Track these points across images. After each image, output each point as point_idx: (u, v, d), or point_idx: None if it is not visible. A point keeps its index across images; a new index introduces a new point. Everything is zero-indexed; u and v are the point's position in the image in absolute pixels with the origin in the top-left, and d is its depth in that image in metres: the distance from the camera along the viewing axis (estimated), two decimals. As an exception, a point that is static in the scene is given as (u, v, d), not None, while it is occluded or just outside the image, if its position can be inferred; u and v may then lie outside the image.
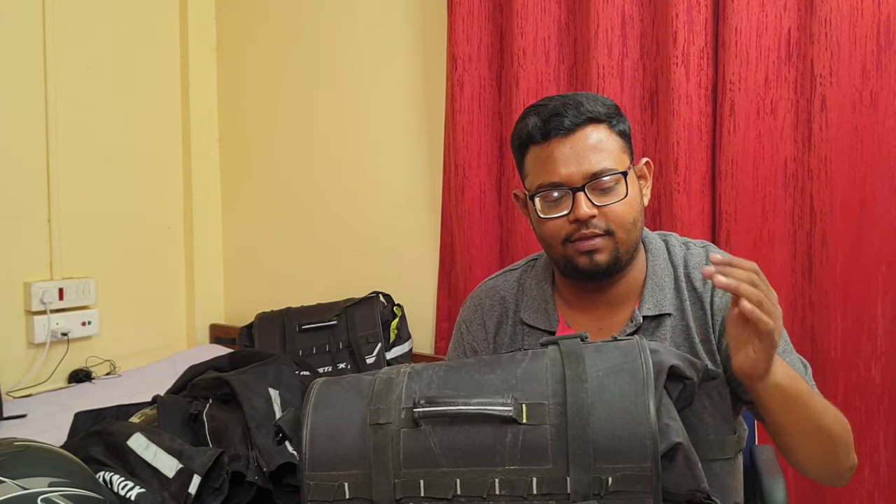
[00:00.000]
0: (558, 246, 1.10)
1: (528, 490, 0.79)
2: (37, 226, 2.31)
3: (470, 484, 0.80)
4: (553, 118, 1.08)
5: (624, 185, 1.08)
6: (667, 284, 1.15)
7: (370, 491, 0.81)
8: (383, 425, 0.83)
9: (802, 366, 1.12)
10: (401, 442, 0.82)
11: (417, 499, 0.80)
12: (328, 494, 0.82)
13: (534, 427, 0.80)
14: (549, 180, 1.08)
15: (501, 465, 0.79)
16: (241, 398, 1.51)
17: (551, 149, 1.08)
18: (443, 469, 0.80)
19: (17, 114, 2.26)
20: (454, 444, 0.81)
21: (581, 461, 0.78)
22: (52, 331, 2.29)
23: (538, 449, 0.79)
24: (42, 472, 1.14)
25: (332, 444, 0.83)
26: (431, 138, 2.27)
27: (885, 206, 1.58)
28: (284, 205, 2.63)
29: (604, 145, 1.08)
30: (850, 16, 1.57)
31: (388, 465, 0.81)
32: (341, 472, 0.82)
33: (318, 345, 2.16)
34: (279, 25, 2.59)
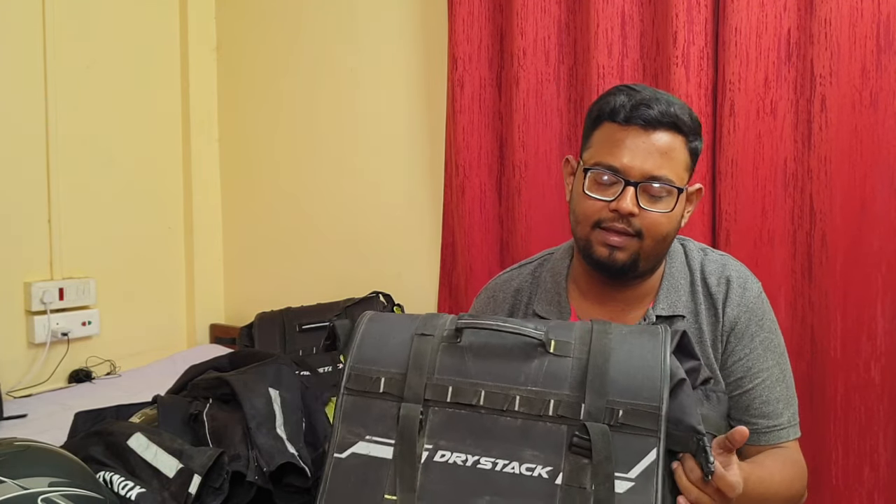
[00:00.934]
0: (587, 226, 1.10)
1: (544, 409, 0.86)
2: (37, 226, 2.31)
3: (493, 396, 0.87)
4: (642, 106, 1.07)
5: (674, 200, 1.08)
6: (682, 287, 1.16)
7: (402, 389, 0.88)
8: (427, 336, 0.92)
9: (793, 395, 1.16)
10: (439, 352, 0.90)
11: (443, 403, 0.87)
12: (364, 385, 0.89)
13: (559, 357, 0.89)
14: (610, 162, 1.07)
15: (524, 385, 0.87)
16: (241, 398, 1.51)
17: (626, 133, 1.07)
18: (471, 380, 0.88)
19: (17, 114, 2.26)
20: (486, 361, 0.89)
21: (597, 390, 0.86)
22: (53, 331, 2.29)
23: (559, 376, 0.88)
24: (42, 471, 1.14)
25: (378, 346, 0.92)
26: (432, 138, 2.27)
27: (885, 206, 1.58)
28: (284, 205, 2.63)
29: (674, 154, 1.08)
30: (850, 16, 1.57)
31: (424, 368, 0.89)
32: (381, 368, 0.90)
33: (318, 345, 2.16)
34: (279, 25, 2.59)
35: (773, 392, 1.13)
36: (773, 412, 1.13)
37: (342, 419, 0.88)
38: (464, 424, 0.86)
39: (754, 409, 1.13)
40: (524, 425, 0.86)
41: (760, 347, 1.14)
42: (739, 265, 1.19)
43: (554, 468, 0.83)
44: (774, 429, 1.13)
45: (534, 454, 0.84)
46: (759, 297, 1.16)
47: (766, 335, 1.15)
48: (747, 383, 1.13)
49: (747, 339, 1.13)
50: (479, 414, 0.87)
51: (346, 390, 0.89)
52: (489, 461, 0.84)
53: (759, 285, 1.17)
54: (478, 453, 0.85)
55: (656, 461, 0.83)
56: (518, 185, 1.97)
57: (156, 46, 2.60)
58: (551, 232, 1.94)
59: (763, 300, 1.16)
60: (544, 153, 1.96)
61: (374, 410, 0.88)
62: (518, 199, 1.98)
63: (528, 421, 0.86)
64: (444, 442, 0.86)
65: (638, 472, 0.83)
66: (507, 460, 0.84)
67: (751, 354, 1.13)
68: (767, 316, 1.16)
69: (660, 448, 0.84)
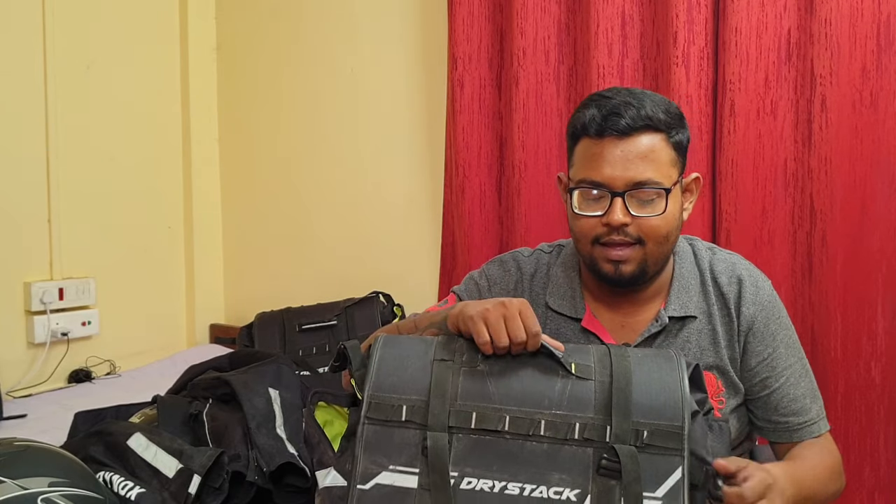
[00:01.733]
0: (587, 245, 1.09)
1: (570, 433, 0.86)
2: (37, 226, 2.31)
3: (518, 422, 0.86)
4: (611, 116, 1.05)
5: (664, 202, 1.06)
6: (693, 287, 1.15)
7: (426, 416, 0.86)
8: (446, 361, 0.91)
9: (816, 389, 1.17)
10: (460, 377, 0.89)
11: (468, 430, 0.86)
12: (385, 413, 0.87)
13: (581, 380, 0.89)
14: (591, 178, 1.06)
15: (549, 409, 0.87)
16: (241, 398, 1.51)
17: (602, 147, 1.06)
18: (494, 405, 0.87)
19: (17, 114, 2.26)
20: (508, 385, 0.89)
21: (622, 412, 0.86)
22: (52, 331, 2.29)
23: (584, 399, 0.88)
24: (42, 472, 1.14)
25: (396, 372, 0.90)
26: (432, 138, 2.27)
27: (885, 206, 1.58)
28: (284, 204, 2.63)
29: (655, 155, 1.06)
30: (850, 16, 1.57)
31: (446, 395, 0.88)
32: (402, 396, 0.88)
33: (318, 345, 2.16)
34: (279, 25, 2.59)
35: (799, 388, 1.13)
36: (801, 408, 1.13)
37: (364, 449, 0.86)
38: (489, 451, 0.85)
39: (783, 408, 1.13)
40: (550, 449, 0.85)
41: (782, 346, 1.13)
42: (748, 264, 1.18)
43: (582, 490, 0.83)
44: (805, 424, 1.13)
45: (561, 478, 0.84)
46: (773, 294, 1.15)
47: (785, 332, 1.14)
48: (773, 382, 1.13)
49: (769, 338, 1.13)
50: (505, 439, 0.86)
51: (368, 419, 0.87)
52: (516, 486, 0.84)
53: (769, 283, 1.17)
54: (505, 479, 0.84)
55: (681, 480, 0.84)
56: (518, 185, 1.97)
57: (156, 46, 2.60)
58: (551, 232, 1.94)
59: (776, 297, 1.16)
60: (544, 153, 1.96)
61: (397, 439, 0.86)
62: (518, 199, 1.98)
63: (553, 445, 0.85)
64: (470, 469, 0.85)
65: (665, 492, 0.84)
66: (535, 485, 0.84)
67: (774, 353, 1.13)
68: (783, 313, 1.16)
69: (684, 467, 0.85)
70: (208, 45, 2.71)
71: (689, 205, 1.14)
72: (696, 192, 1.16)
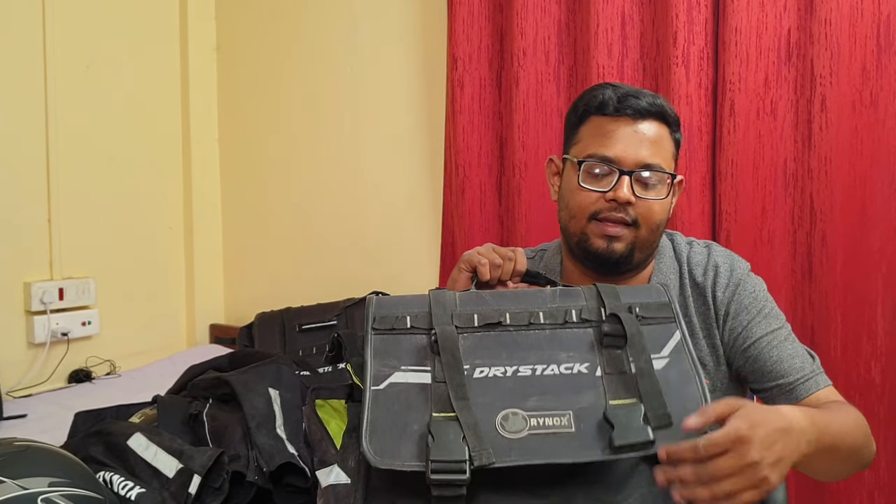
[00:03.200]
0: (583, 219, 1.12)
1: (568, 317, 0.92)
2: (37, 226, 2.31)
3: (517, 315, 0.92)
4: (630, 97, 1.09)
5: (666, 188, 1.11)
6: (671, 282, 1.16)
7: (430, 322, 0.91)
8: (442, 289, 0.97)
9: (808, 353, 1.13)
10: (457, 297, 0.95)
11: (472, 328, 0.91)
12: (390, 323, 0.92)
13: (568, 288, 0.97)
14: (603, 153, 1.09)
15: (544, 305, 0.93)
16: (241, 398, 1.51)
17: (617, 124, 1.10)
18: (494, 308, 0.93)
19: (17, 114, 2.26)
20: (503, 296, 0.95)
21: (612, 296, 0.94)
22: (52, 331, 2.29)
23: (574, 295, 0.95)
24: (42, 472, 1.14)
25: (396, 301, 0.96)
26: (432, 138, 2.27)
27: (885, 206, 1.58)
28: (284, 204, 2.63)
29: (663, 143, 1.11)
30: (850, 16, 1.57)
31: (447, 304, 0.93)
32: (405, 311, 0.93)
33: (319, 345, 2.16)
34: (279, 25, 2.59)
35: (785, 349, 1.11)
36: (791, 368, 1.10)
37: (373, 356, 0.89)
38: (495, 342, 0.89)
39: (771, 371, 1.10)
40: (552, 334, 0.90)
41: (759, 316, 1.13)
42: (724, 251, 1.19)
43: (591, 363, 0.88)
44: (800, 381, 1.09)
45: (568, 355, 0.88)
46: (748, 274, 1.16)
47: (762, 304, 1.14)
48: (754, 350, 1.11)
49: (743, 312, 1.13)
50: (508, 332, 0.90)
51: (374, 330, 0.91)
52: (528, 368, 0.87)
53: (746, 265, 1.17)
54: (515, 363, 0.88)
55: (682, 340, 0.91)
56: (518, 184, 1.97)
57: (156, 46, 2.60)
58: (552, 232, 1.93)
59: (752, 276, 1.16)
60: (544, 153, 1.96)
61: (405, 344, 0.90)
62: (518, 198, 1.98)
63: (554, 329, 0.91)
64: (480, 360, 0.88)
65: (669, 350, 0.90)
66: (545, 364, 0.88)
67: (750, 323, 1.12)
68: (759, 287, 1.15)
69: (681, 329, 0.91)
70: (208, 45, 2.72)
71: (671, 206, 1.17)
72: (678, 194, 1.19)
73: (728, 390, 1.16)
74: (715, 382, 1.15)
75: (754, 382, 1.13)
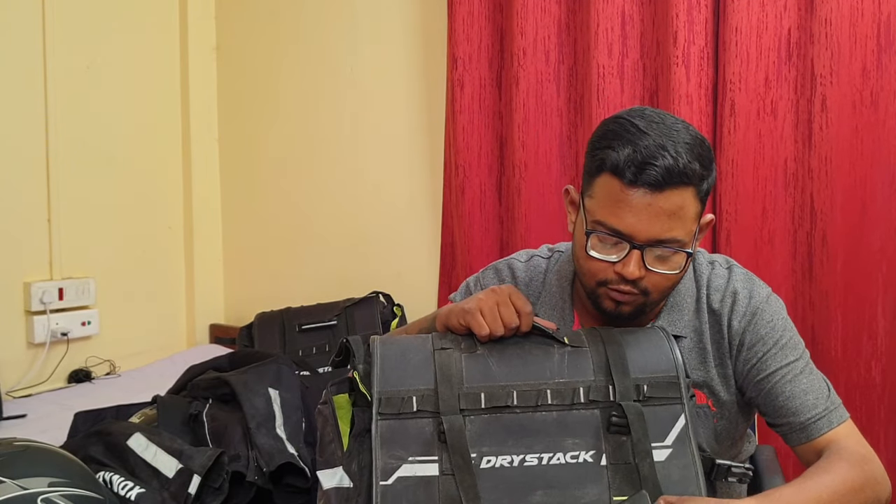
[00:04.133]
0: (591, 282, 1.05)
1: (576, 397, 0.90)
2: (37, 226, 2.31)
3: (525, 395, 0.89)
4: (648, 165, 0.97)
5: (682, 260, 1.02)
6: (687, 306, 1.12)
7: (436, 404, 0.88)
8: (447, 349, 0.93)
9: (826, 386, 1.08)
10: (462, 363, 0.92)
11: (478, 410, 0.89)
12: (396, 407, 0.89)
13: (576, 348, 0.94)
14: (614, 225, 1.00)
15: (552, 379, 0.91)
16: (241, 398, 1.51)
17: (632, 195, 0.98)
18: (501, 383, 0.90)
19: (17, 114, 2.26)
20: (510, 363, 0.92)
21: (621, 370, 0.91)
22: (52, 331, 2.29)
23: (582, 365, 0.92)
24: (42, 472, 1.14)
25: (400, 366, 0.92)
26: (432, 138, 2.27)
27: (885, 205, 1.58)
28: (284, 204, 2.63)
29: (683, 213, 1.00)
30: (851, 16, 1.57)
31: (453, 380, 0.90)
32: (409, 388, 0.90)
33: (318, 345, 2.16)
34: (279, 25, 2.59)
35: (798, 384, 1.06)
36: (803, 405, 1.05)
37: (381, 445, 0.87)
38: (502, 427, 0.88)
39: (783, 407, 1.06)
40: (559, 416, 0.89)
41: (775, 347, 1.08)
42: (744, 274, 1.14)
43: (596, 451, 0.87)
44: (811, 420, 1.04)
45: (574, 442, 0.87)
46: (767, 300, 1.11)
47: (779, 335, 1.09)
48: (767, 383, 1.07)
49: (759, 343, 1.08)
50: (515, 414, 0.89)
51: (380, 415, 0.88)
52: (534, 457, 0.87)
53: (767, 290, 1.12)
54: (521, 451, 0.87)
55: (686, 425, 0.89)
56: (518, 184, 1.97)
57: (156, 46, 2.60)
58: (551, 232, 1.94)
59: (771, 302, 1.11)
60: (544, 153, 1.96)
61: (412, 430, 0.88)
62: (518, 198, 1.98)
63: (562, 412, 0.89)
64: (487, 448, 0.87)
65: (673, 439, 0.88)
66: (551, 453, 0.87)
67: (766, 355, 1.08)
68: (778, 315, 1.10)
69: (686, 412, 0.90)
70: (208, 45, 2.71)
71: (697, 243, 1.09)
72: (706, 231, 1.11)
73: (734, 418, 1.13)
74: (722, 411, 1.11)
75: (767, 416, 1.10)
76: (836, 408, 1.06)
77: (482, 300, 0.96)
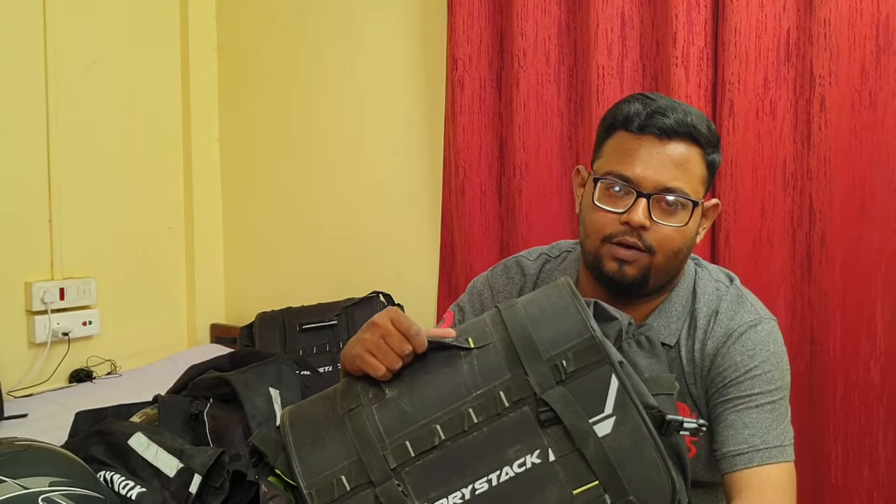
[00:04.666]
0: (596, 240, 1.04)
1: (499, 405, 0.84)
2: (38, 226, 2.31)
3: (448, 424, 0.84)
4: (657, 114, 1.01)
5: (688, 214, 1.02)
6: (678, 314, 1.10)
7: (367, 473, 0.84)
8: (355, 409, 0.87)
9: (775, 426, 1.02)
10: (376, 417, 0.86)
11: (410, 460, 0.84)
12: (331, 494, 0.84)
13: (482, 349, 0.87)
14: (622, 172, 1.02)
15: (468, 395, 0.85)
16: (241, 398, 1.51)
17: (640, 143, 1.02)
18: (421, 422, 0.85)
19: (18, 114, 2.26)
20: (422, 396, 0.86)
21: (532, 357, 0.85)
22: (53, 330, 2.29)
23: (493, 366, 0.86)
24: (43, 471, 1.14)
25: (316, 447, 0.87)
26: (432, 138, 2.27)
27: (884, 206, 1.58)
28: (285, 205, 2.63)
29: (690, 166, 1.02)
30: (850, 16, 1.57)
31: (373, 441, 0.85)
32: (334, 467, 0.85)
33: (319, 344, 2.17)
34: (280, 25, 2.59)
35: (744, 416, 1.02)
36: (733, 437, 1.01)
37: None
38: (440, 466, 0.83)
39: (718, 434, 1.03)
40: (491, 431, 0.84)
41: (745, 376, 1.04)
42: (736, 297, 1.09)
43: (541, 449, 0.83)
44: (729, 454, 1.01)
45: (516, 449, 0.83)
46: (754, 327, 1.06)
47: (755, 364, 1.04)
48: (719, 408, 1.04)
49: (731, 368, 1.04)
50: (447, 447, 0.84)
51: None
52: (483, 482, 0.82)
53: (757, 316, 1.07)
54: (469, 481, 0.82)
55: (622, 385, 0.83)
56: (518, 185, 1.98)
57: (156, 46, 2.60)
58: (552, 232, 1.94)
59: (759, 331, 1.06)
60: (545, 153, 1.96)
61: None
62: (518, 199, 1.98)
63: (492, 424, 0.84)
64: (435, 493, 0.83)
65: (612, 405, 0.83)
66: (498, 470, 0.82)
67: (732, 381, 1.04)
68: (762, 346, 1.05)
69: (616, 371, 0.84)
70: (208, 45, 2.72)
71: (703, 231, 1.10)
72: (712, 219, 1.11)
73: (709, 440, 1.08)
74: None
75: (712, 442, 1.05)
76: (767, 448, 1.00)
77: (366, 340, 0.89)
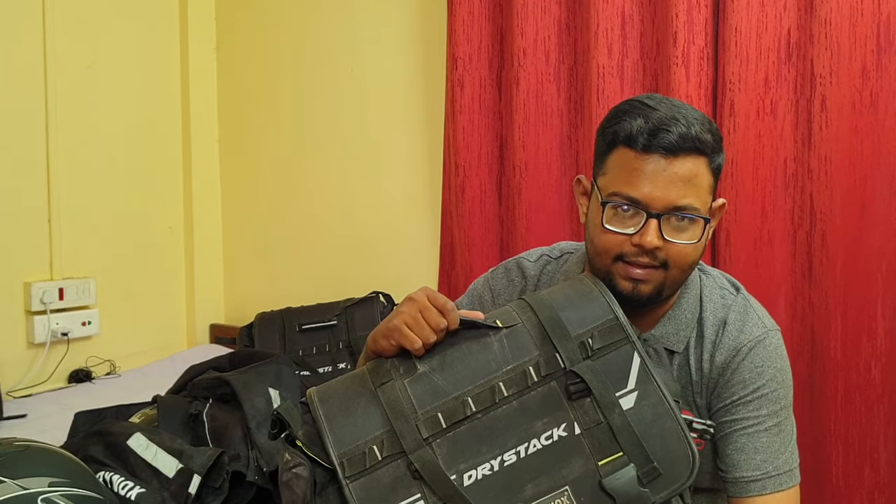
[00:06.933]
0: (607, 260, 1.02)
1: (529, 379, 0.89)
2: (37, 226, 2.31)
3: (480, 397, 0.88)
4: (661, 131, 0.97)
5: (700, 229, 1.01)
6: (687, 321, 1.09)
7: (399, 443, 0.86)
8: (387, 383, 0.90)
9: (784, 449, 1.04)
10: (408, 390, 0.89)
11: (442, 431, 0.87)
12: (363, 463, 0.86)
13: (511, 329, 0.92)
14: (629, 194, 0.99)
15: (499, 370, 0.89)
16: (241, 398, 1.51)
17: (645, 162, 0.98)
18: (453, 395, 0.88)
19: (17, 113, 2.26)
20: (454, 371, 0.90)
21: (561, 335, 0.91)
22: (53, 331, 2.29)
23: (522, 343, 0.91)
24: (42, 472, 1.14)
25: (348, 419, 0.88)
26: (431, 138, 2.27)
27: (885, 206, 1.58)
28: (284, 205, 2.63)
29: (697, 180, 0.99)
30: (850, 16, 1.57)
31: (406, 412, 0.87)
32: (366, 437, 0.87)
33: (318, 345, 2.16)
34: (279, 25, 2.59)
35: (755, 441, 1.02)
36: (744, 462, 1.02)
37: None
38: (470, 438, 0.86)
39: (728, 456, 1.03)
40: (520, 404, 0.88)
41: (752, 395, 1.04)
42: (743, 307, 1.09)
43: (567, 422, 0.86)
44: (742, 479, 1.02)
45: (544, 422, 0.86)
46: (761, 342, 1.06)
47: (762, 383, 1.04)
48: (727, 427, 1.04)
49: (739, 385, 1.04)
50: (478, 419, 0.87)
51: (348, 479, 0.85)
52: (511, 454, 0.85)
53: (763, 329, 1.07)
54: (497, 454, 0.85)
55: (643, 363, 0.89)
56: (518, 185, 1.97)
57: (156, 46, 2.60)
58: (552, 232, 1.94)
59: (767, 345, 1.06)
60: (545, 153, 1.96)
61: (386, 479, 0.85)
62: (518, 199, 1.98)
63: (521, 398, 0.88)
64: (464, 464, 0.85)
65: (634, 380, 0.88)
66: (526, 442, 0.86)
67: (740, 399, 1.04)
68: (769, 362, 1.05)
69: (638, 349, 0.90)
70: (208, 45, 2.72)
71: (710, 229, 1.08)
72: (719, 218, 1.10)
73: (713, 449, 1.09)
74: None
75: (717, 457, 1.06)
76: (779, 474, 1.02)
77: (403, 313, 0.93)
